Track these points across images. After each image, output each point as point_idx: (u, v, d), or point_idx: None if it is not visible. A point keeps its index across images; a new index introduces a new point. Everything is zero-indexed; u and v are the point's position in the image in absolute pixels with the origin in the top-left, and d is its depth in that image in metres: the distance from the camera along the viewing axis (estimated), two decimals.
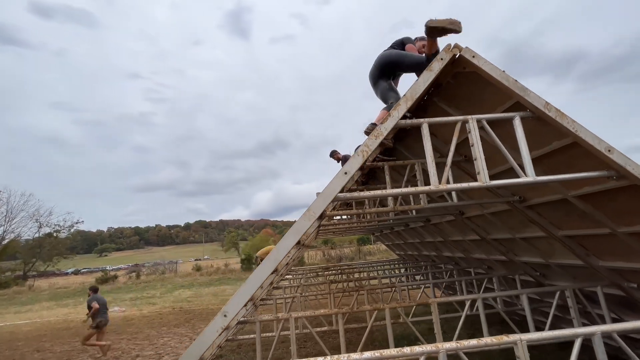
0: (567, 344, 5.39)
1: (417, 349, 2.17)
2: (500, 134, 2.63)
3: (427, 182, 3.90)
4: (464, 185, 2.50)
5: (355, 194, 2.46)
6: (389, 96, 3.51)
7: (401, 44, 3.63)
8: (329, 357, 2.12)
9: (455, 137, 2.58)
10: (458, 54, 2.64)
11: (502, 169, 3.58)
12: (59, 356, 8.70)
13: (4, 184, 59.91)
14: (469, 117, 2.60)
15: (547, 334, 2.21)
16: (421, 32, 3.11)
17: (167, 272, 30.37)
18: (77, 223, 38.51)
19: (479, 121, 2.63)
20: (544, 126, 2.73)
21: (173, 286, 23.74)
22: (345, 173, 2.35)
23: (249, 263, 29.86)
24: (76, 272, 61.59)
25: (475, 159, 2.53)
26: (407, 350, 2.17)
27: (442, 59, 2.64)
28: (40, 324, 13.67)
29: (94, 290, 9.05)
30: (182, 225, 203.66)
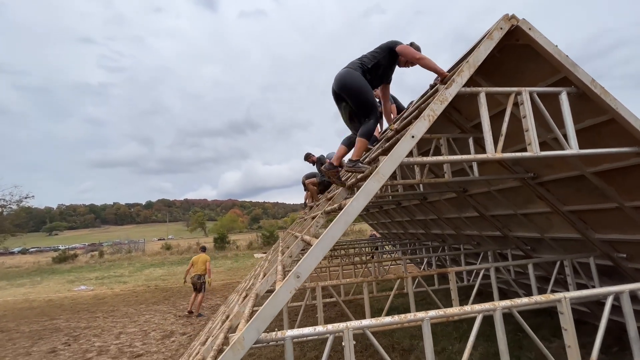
0: (541, 312, 5.88)
1: (476, 307, 2.27)
2: (534, 108, 2.71)
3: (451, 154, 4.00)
4: (517, 154, 2.58)
5: (418, 159, 2.45)
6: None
7: (387, 50, 3.03)
8: (393, 317, 2.15)
9: (509, 108, 2.64)
10: (515, 25, 2.66)
11: (522, 146, 3.76)
12: (29, 336, 8.07)
13: None
14: (522, 89, 2.65)
15: (586, 292, 2.43)
16: (392, 31, 3.05)
17: (133, 251, 28.94)
18: (26, 198, 34.91)
19: (520, 94, 2.70)
20: (581, 103, 2.88)
21: (142, 265, 22.76)
22: (412, 137, 2.32)
23: (222, 242, 29.38)
24: (24, 252, 56.76)
25: (526, 130, 2.61)
26: (467, 308, 2.27)
27: (501, 28, 2.64)
28: None
29: None
30: (144, 204, 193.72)
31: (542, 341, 5.69)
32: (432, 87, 3.64)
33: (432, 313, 2.20)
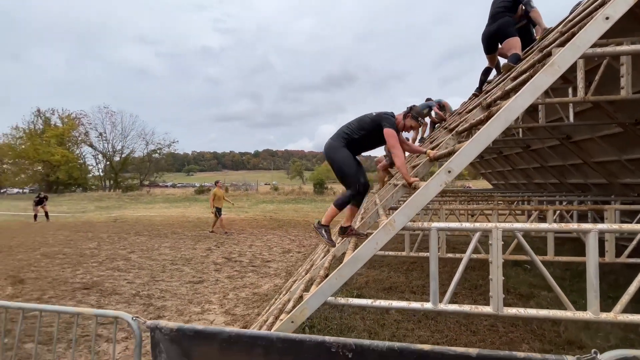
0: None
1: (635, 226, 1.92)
2: None
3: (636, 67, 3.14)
4: None
5: (609, 49, 2.01)
6: None
7: (377, 125, 2.84)
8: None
9: None
10: None
11: None
12: (191, 238, 10.81)
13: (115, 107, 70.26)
14: None
15: None
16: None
17: (249, 189, 34.14)
18: (173, 142, 44.36)
19: None
20: None
21: (257, 201, 26.79)
22: (607, 18, 1.89)
23: (321, 187, 31.72)
24: (174, 186, 73.63)
25: None
26: (626, 227, 1.94)
27: None
28: (165, 217, 16.99)
29: None
30: (252, 153, 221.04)
31: None
32: None
33: (602, 226, 1.97)
